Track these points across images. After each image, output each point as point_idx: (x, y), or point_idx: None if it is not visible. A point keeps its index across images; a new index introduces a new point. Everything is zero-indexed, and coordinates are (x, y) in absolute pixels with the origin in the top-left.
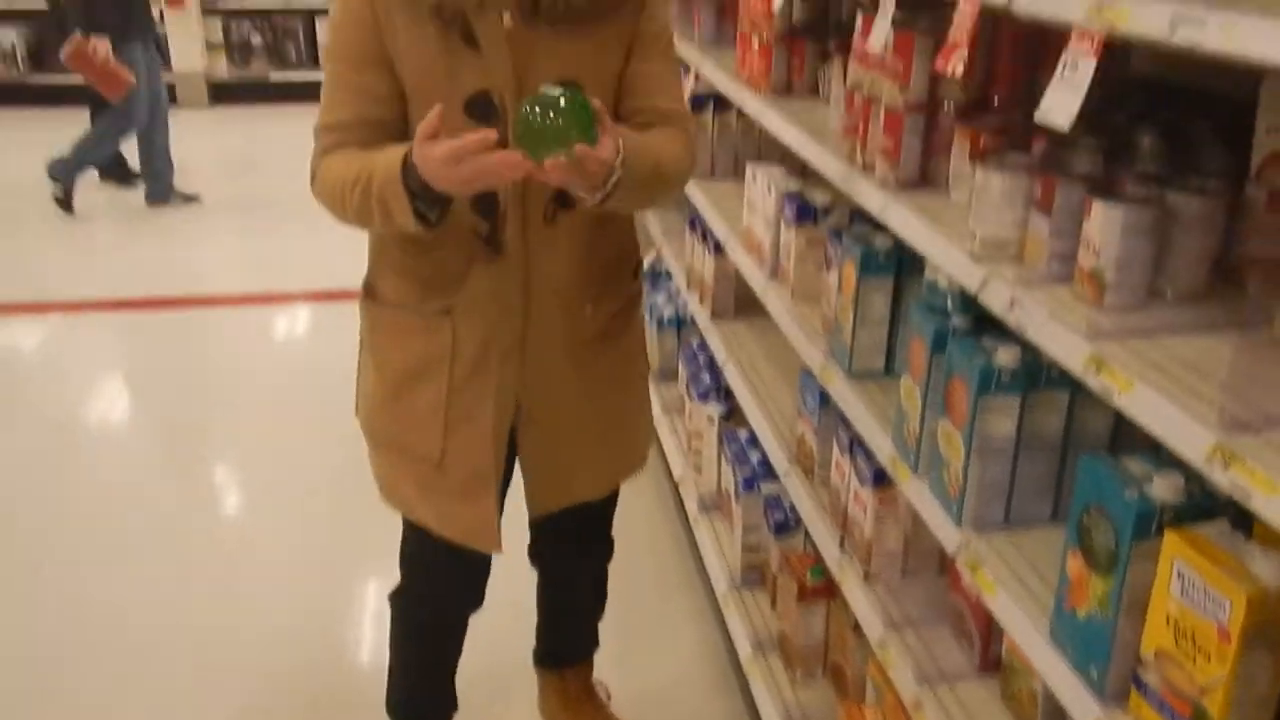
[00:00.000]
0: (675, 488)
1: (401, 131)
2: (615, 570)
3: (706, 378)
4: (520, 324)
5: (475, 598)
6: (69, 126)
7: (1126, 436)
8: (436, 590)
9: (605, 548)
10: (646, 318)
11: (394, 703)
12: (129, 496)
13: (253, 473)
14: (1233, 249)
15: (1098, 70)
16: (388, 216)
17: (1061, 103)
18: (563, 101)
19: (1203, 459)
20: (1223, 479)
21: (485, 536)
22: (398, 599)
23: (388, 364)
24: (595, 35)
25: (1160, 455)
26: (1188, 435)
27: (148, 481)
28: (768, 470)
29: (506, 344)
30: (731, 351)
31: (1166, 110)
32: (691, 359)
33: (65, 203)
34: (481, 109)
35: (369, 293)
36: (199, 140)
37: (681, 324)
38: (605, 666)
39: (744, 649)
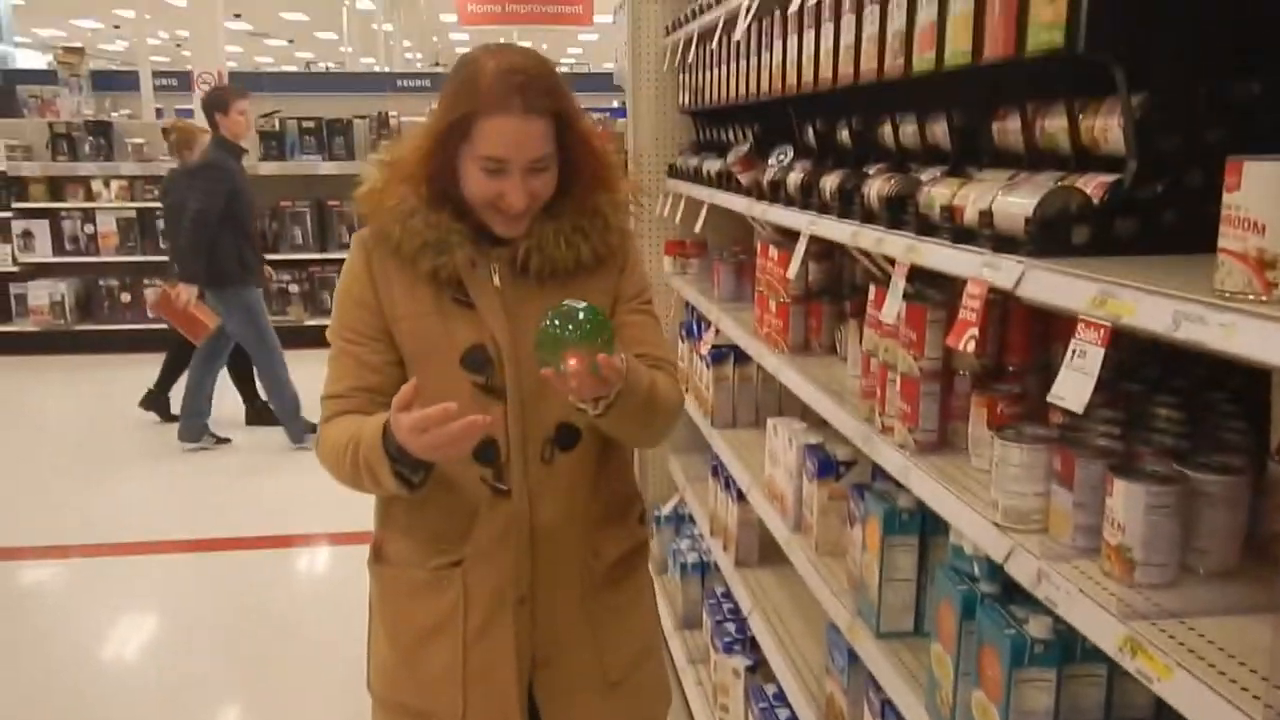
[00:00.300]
0: None
1: (395, 381)
2: None
3: (731, 628)
4: (529, 571)
5: None
6: (112, 369)
7: (1171, 711)
8: None
9: None
10: (670, 563)
11: None
12: None
13: None
14: (1260, 525)
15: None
16: (375, 480)
17: (1073, 388)
18: (583, 314)
19: None
20: None
21: None
22: None
23: (399, 626)
24: (580, 289)
25: None
26: None
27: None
28: None
29: (519, 593)
30: (757, 601)
31: (1181, 377)
32: (715, 608)
33: (218, 439)
34: (476, 361)
35: (377, 556)
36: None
37: (705, 570)
38: None
39: None
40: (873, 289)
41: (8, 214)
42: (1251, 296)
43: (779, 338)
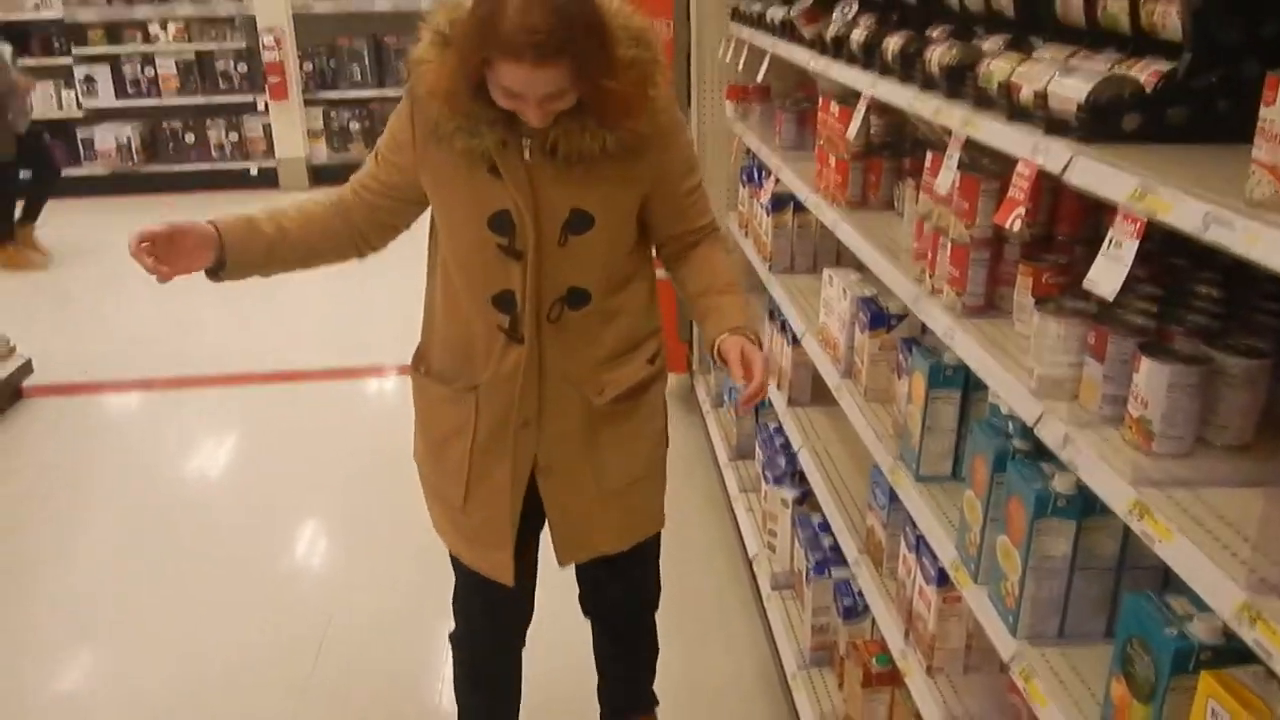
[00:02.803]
0: (749, 563)
1: (396, 217)
2: (688, 644)
3: (782, 461)
4: (535, 402)
5: (515, 630)
6: (177, 212)
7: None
8: (481, 625)
9: (645, 602)
10: (725, 399)
11: None
12: (228, 555)
13: (344, 537)
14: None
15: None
16: None
17: (1107, 275)
18: None
19: (1231, 614)
20: (1248, 635)
21: (501, 573)
22: (454, 640)
23: (428, 425)
24: (609, 174)
25: None
26: (1219, 590)
27: (246, 541)
28: (839, 556)
29: (524, 417)
30: (807, 439)
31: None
32: (768, 442)
33: None
34: (501, 224)
35: (416, 364)
36: None
37: (760, 406)
38: None
39: None
40: (929, 155)
41: (69, 60)
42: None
43: (838, 192)
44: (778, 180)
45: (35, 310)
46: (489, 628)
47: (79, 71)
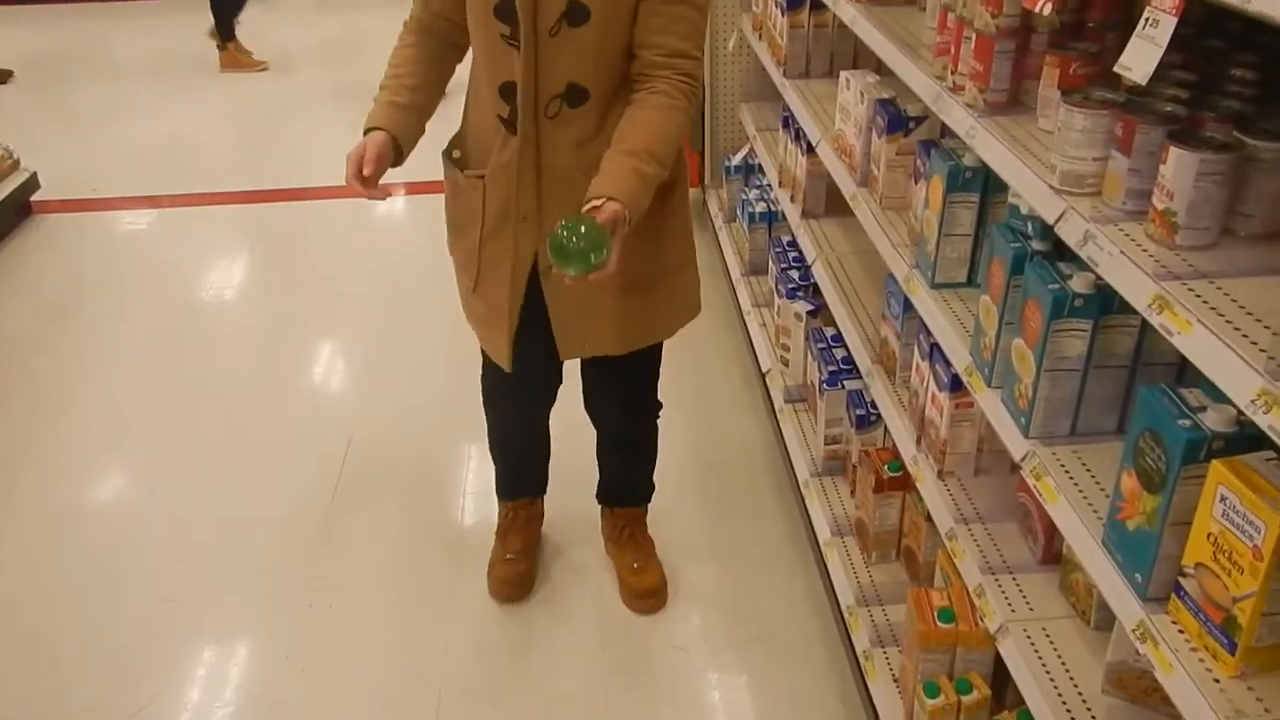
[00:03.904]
0: (763, 378)
1: (458, 10)
2: (704, 457)
3: (795, 275)
4: (533, 195)
5: (532, 410)
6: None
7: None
8: (500, 395)
9: (640, 408)
10: (738, 212)
11: (497, 482)
12: (248, 370)
13: (363, 351)
14: None
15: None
16: None
17: (1141, 58)
18: (584, 228)
19: (1247, 402)
20: (1264, 421)
21: (500, 355)
22: (485, 407)
23: (449, 210)
24: None
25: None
26: (1236, 379)
27: (265, 355)
28: (852, 367)
29: (524, 210)
30: (820, 251)
31: (1264, 35)
32: (781, 255)
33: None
34: (505, 12)
35: (449, 150)
36: (302, 31)
37: (773, 219)
38: (694, 547)
39: (823, 532)
40: None
41: None
42: None
43: None
44: None
45: (40, 124)
46: (506, 404)
47: None
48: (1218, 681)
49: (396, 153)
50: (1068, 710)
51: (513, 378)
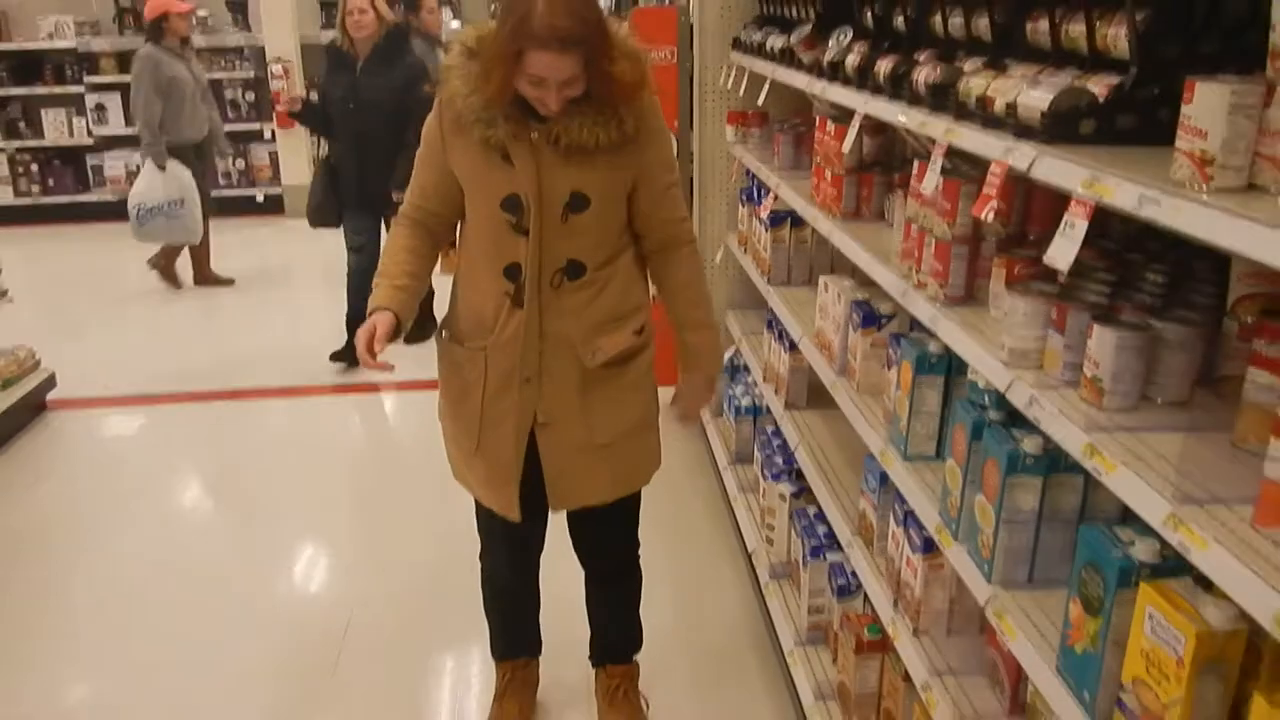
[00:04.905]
0: (749, 559)
1: (447, 206)
2: (694, 630)
3: (779, 460)
4: (536, 360)
5: (527, 556)
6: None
7: (1134, 516)
8: (497, 546)
9: (625, 545)
10: (725, 407)
11: (492, 643)
12: (249, 565)
13: (361, 533)
14: (1214, 368)
15: (1092, 227)
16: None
17: (1063, 251)
18: None
19: (1160, 523)
20: (1173, 538)
21: (508, 509)
22: (481, 560)
23: (448, 383)
24: (601, 163)
25: (1148, 527)
26: (1151, 506)
27: (263, 550)
28: (833, 541)
29: (527, 374)
30: (803, 437)
31: (1177, 251)
32: (766, 444)
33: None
34: (511, 205)
35: (441, 329)
36: (305, 246)
37: (757, 413)
38: (682, 714)
39: (807, 698)
40: (916, 164)
41: (80, 89)
42: (1195, 187)
43: (833, 205)
44: (776, 197)
45: (53, 327)
46: (504, 554)
47: (90, 100)
48: None
49: (397, 328)
50: None
51: (508, 529)
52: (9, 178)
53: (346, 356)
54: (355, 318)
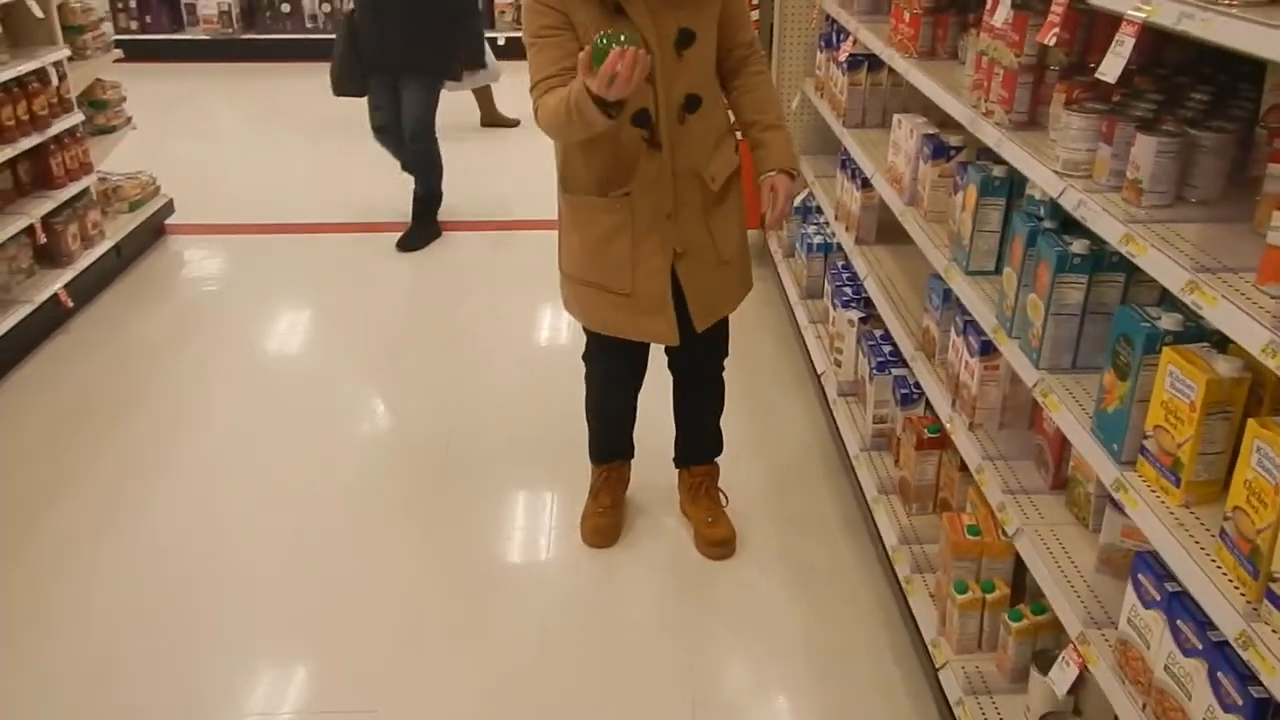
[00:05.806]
0: (818, 381)
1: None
2: (768, 442)
3: (849, 290)
4: (671, 196)
5: (636, 378)
6: (273, 78)
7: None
8: (617, 366)
9: (719, 356)
10: (797, 246)
11: (592, 448)
12: (359, 382)
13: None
14: (1245, 171)
15: (1139, 44)
16: (586, 122)
17: (1112, 66)
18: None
19: (1179, 289)
20: (1189, 299)
21: (667, 335)
22: (594, 376)
23: (587, 232)
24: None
25: (1175, 304)
26: (1173, 276)
27: (373, 370)
28: (897, 357)
29: (665, 211)
30: (872, 269)
31: (1216, 68)
32: (836, 277)
33: None
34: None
35: (564, 187)
36: None
37: (829, 250)
38: (757, 513)
39: (871, 492)
40: (989, 1)
41: None
42: (1226, 2)
43: (910, 45)
44: (855, 40)
45: (166, 154)
46: (621, 372)
47: None
48: (1169, 509)
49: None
50: (1069, 583)
51: (629, 353)
52: (109, 14)
53: (413, 240)
54: (426, 197)
